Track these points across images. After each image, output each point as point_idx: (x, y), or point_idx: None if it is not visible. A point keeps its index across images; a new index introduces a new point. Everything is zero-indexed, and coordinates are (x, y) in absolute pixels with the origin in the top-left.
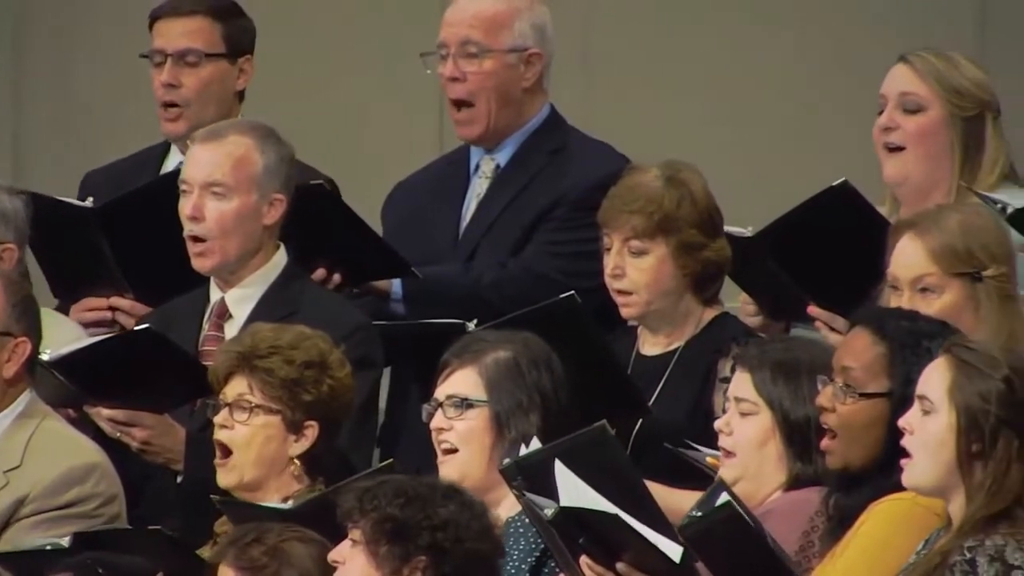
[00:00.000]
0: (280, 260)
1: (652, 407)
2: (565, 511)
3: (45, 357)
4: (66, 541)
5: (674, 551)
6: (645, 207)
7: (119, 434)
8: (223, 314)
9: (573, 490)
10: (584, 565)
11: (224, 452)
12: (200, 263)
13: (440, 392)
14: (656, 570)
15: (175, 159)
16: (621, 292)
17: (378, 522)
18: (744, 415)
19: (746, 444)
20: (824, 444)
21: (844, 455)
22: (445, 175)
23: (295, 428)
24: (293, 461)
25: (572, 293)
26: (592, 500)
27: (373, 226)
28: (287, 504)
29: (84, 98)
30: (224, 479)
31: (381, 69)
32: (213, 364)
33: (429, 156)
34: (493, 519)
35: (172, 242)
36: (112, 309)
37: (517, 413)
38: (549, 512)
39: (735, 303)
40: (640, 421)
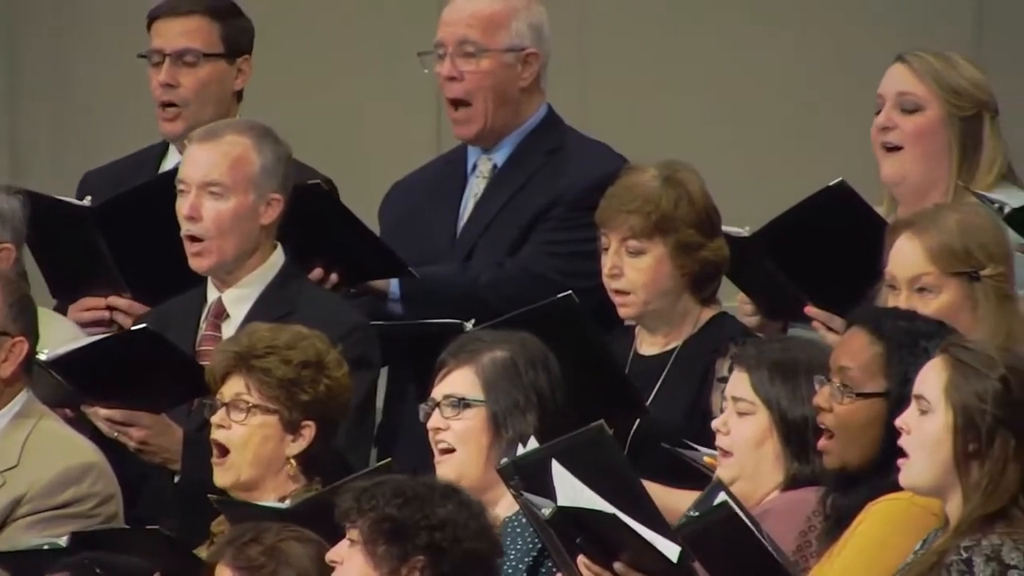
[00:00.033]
0: (277, 260)
1: (650, 407)
2: (563, 511)
3: (42, 357)
4: (64, 541)
5: (672, 551)
6: (643, 207)
7: (116, 434)
8: (220, 314)
9: (571, 490)
10: (581, 565)
11: (221, 452)
12: (197, 263)
13: (437, 392)
14: (654, 570)
15: (173, 159)
16: (619, 292)
17: (376, 522)
18: (741, 415)
19: (743, 444)
20: (821, 444)
21: (841, 455)
22: (442, 175)
23: (292, 428)
24: (289, 461)
25: (570, 293)
26: (590, 500)
27: (370, 226)
28: (284, 504)
29: (82, 98)
30: (221, 478)
31: (378, 69)
32: (210, 364)
33: (426, 156)
34: (491, 519)
35: (170, 241)
36: (110, 309)
37: (514, 413)
38: (547, 512)
39: (732, 303)
40: (638, 421)
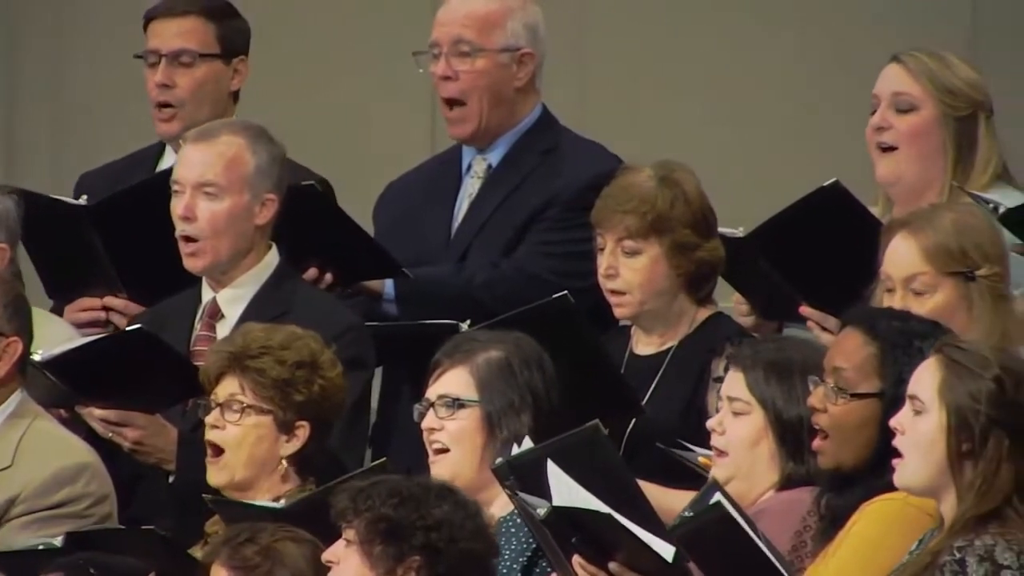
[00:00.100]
0: (272, 260)
1: (645, 407)
2: (558, 510)
3: (37, 357)
4: (59, 541)
5: (667, 551)
6: (639, 207)
7: (111, 434)
8: (215, 314)
9: (566, 489)
10: (577, 565)
11: (216, 452)
12: (192, 263)
13: (431, 392)
14: (649, 570)
15: (170, 159)
16: (615, 292)
17: (372, 522)
18: (737, 415)
19: (738, 443)
20: (816, 444)
21: (836, 455)
22: (437, 175)
23: (286, 428)
24: (283, 461)
25: (565, 293)
26: (585, 500)
27: (365, 226)
28: (279, 504)
29: (80, 99)
30: (215, 478)
31: (374, 70)
32: (204, 364)
33: (421, 156)
34: (487, 519)
35: (165, 241)
36: (106, 309)
37: (508, 413)
38: (542, 511)
39: (728, 303)
40: (633, 421)
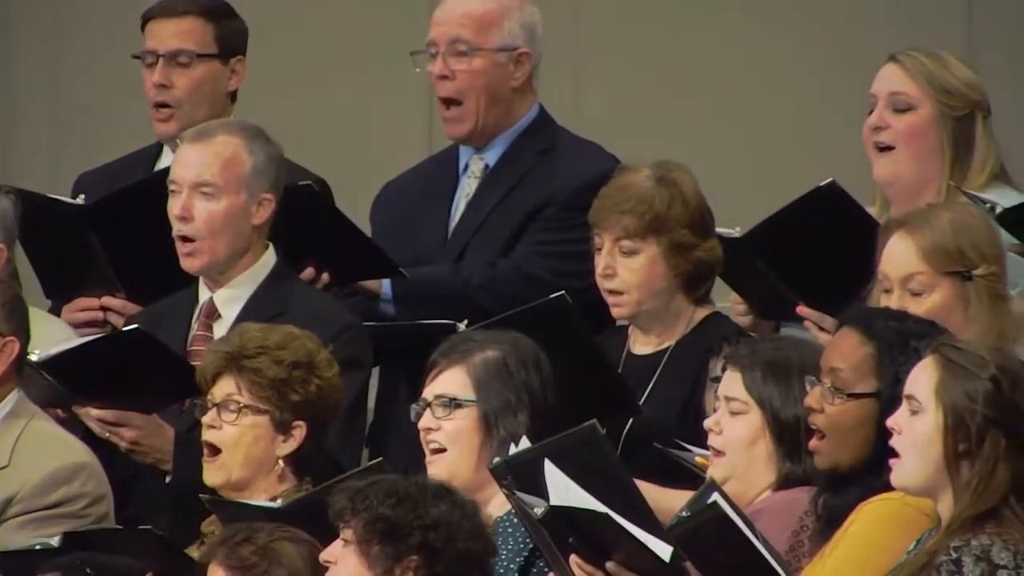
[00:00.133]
0: (269, 260)
1: (643, 406)
2: (555, 510)
3: (34, 357)
4: (55, 541)
5: (664, 550)
6: (636, 207)
7: (108, 434)
8: (212, 314)
9: (563, 489)
10: (574, 564)
11: (212, 452)
12: (189, 263)
13: (428, 392)
14: (646, 569)
15: (168, 160)
16: (612, 292)
17: (370, 522)
18: (734, 414)
19: (736, 443)
20: (812, 444)
21: (832, 455)
22: (434, 175)
23: (283, 428)
24: (279, 461)
25: (563, 293)
26: (582, 499)
27: (362, 226)
28: (276, 503)
29: (77, 99)
30: (211, 477)
31: (371, 70)
32: (201, 364)
33: (418, 156)
34: (484, 518)
35: (163, 241)
36: (104, 309)
37: (505, 413)
38: (539, 511)
39: (725, 303)
40: (631, 420)
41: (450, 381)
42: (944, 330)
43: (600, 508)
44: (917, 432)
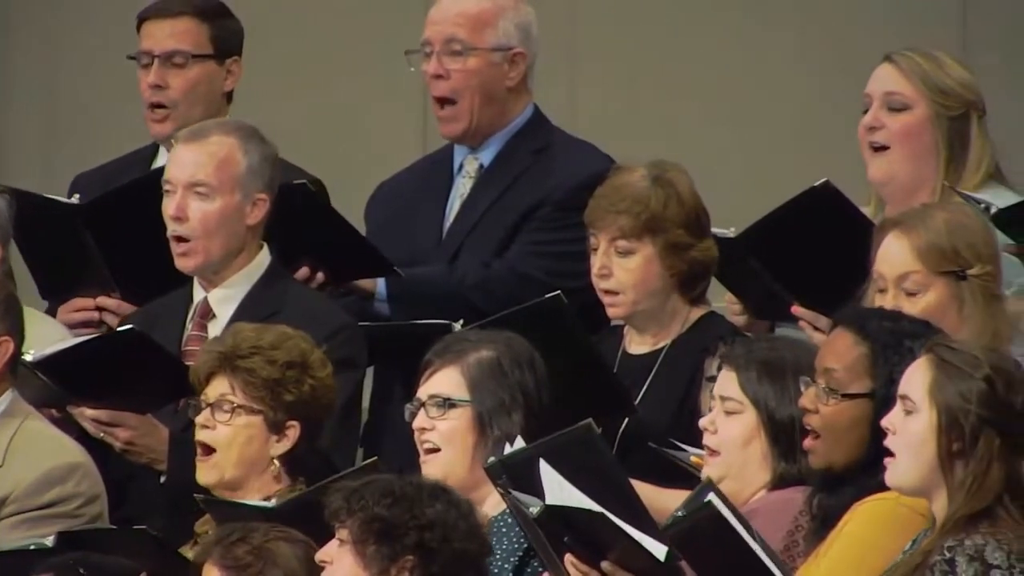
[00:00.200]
0: (263, 260)
1: (638, 406)
2: (550, 509)
3: (28, 357)
4: (49, 541)
5: (659, 550)
6: (632, 207)
7: (102, 434)
8: (206, 314)
9: (558, 489)
10: (569, 564)
11: (206, 452)
12: (183, 263)
13: (423, 392)
14: (641, 569)
15: (163, 160)
16: (608, 292)
17: (365, 522)
18: (729, 414)
19: (731, 443)
20: (807, 444)
21: (827, 455)
22: (429, 175)
23: (277, 428)
24: (273, 461)
25: (558, 293)
26: (577, 499)
27: (357, 226)
28: (270, 503)
29: (73, 100)
30: (204, 476)
31: (366, 70)
32: (194, 364)
33: (413, 156)
34: (480, 518)
35: (158, 241)
36: (99, 309)
37: (500, 413)
38: (534, 510)
39: (720, 303)
40: (626, 420)
41: (444, 381)
42: (938, 330)
43: (595, 507)
44: (911, 432)
